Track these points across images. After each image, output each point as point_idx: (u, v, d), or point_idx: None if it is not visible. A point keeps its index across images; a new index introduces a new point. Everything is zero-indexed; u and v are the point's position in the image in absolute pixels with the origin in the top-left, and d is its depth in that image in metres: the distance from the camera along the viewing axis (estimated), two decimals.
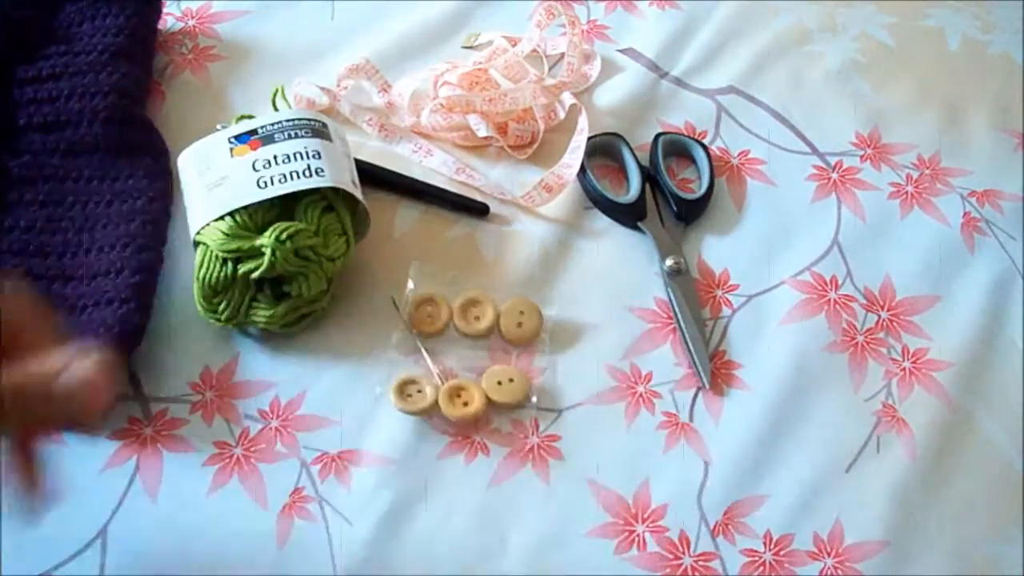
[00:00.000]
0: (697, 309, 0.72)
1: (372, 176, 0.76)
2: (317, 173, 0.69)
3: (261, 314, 0.68)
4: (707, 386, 0.69)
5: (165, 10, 0.84)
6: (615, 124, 0.81)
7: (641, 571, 0.62)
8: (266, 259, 0.65)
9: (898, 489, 0.66)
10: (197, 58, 0.83)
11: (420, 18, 0.86)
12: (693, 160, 0.80)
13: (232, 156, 0.70)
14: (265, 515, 0.63)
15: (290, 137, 0.70)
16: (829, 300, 0.73)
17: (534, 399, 0.68)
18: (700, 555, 0.63)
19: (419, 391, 0.67)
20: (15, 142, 0.75)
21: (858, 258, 0.76)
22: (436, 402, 0.66)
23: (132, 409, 0.66)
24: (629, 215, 0.76)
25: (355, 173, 0.72)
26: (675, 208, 0.76)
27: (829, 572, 0.63)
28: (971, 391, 0.70)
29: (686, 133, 0.81)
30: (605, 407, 0.68)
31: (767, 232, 0.76)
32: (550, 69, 0.85)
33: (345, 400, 0.67)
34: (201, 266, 0.68)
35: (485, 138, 0.78)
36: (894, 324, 0.73)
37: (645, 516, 0.64)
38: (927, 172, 0.81)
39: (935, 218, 0.78)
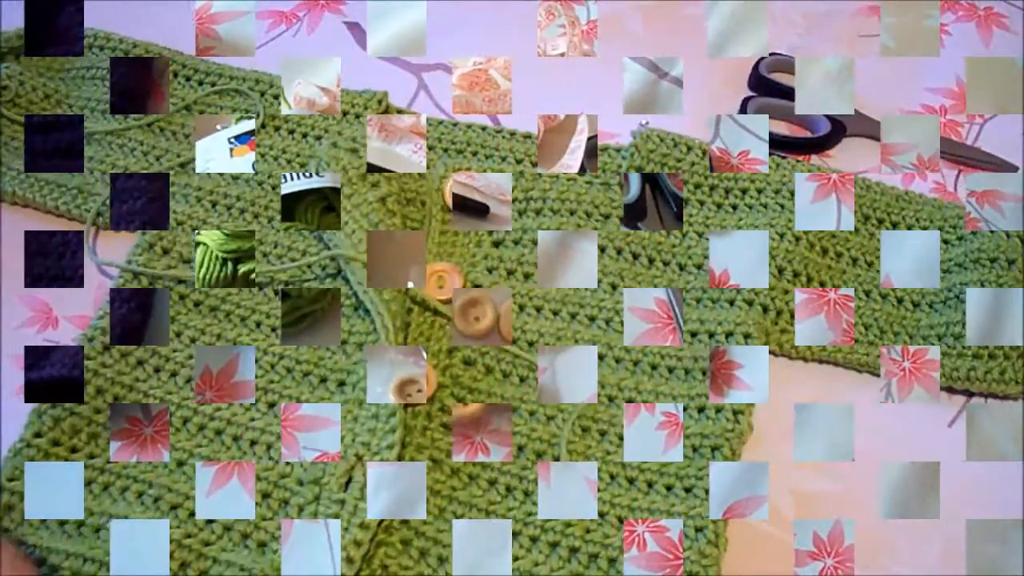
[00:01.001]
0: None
1: None
2: (317, 173, 0.69)
3: None
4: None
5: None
6: None
7: (641, 571, 0.62)
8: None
9: (898, 489, 0.66)
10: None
11: (419, 18, 0.86)
12: None
13: (232, 156, 0.70)
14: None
15: None
16: (829, 300, 0.73)
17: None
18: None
19: (419, 391, 0.67)
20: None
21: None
22: None
23: (132, 409, 0.66)
24: (629, 215, 0.76)
25: None
26: (675, 208, 0.76)
27: (829, 572, 0.63)
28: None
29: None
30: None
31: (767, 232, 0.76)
32: None
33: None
34: (201, 266, 0.68)
35: None
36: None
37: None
38: (927, 172, 0.81)
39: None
